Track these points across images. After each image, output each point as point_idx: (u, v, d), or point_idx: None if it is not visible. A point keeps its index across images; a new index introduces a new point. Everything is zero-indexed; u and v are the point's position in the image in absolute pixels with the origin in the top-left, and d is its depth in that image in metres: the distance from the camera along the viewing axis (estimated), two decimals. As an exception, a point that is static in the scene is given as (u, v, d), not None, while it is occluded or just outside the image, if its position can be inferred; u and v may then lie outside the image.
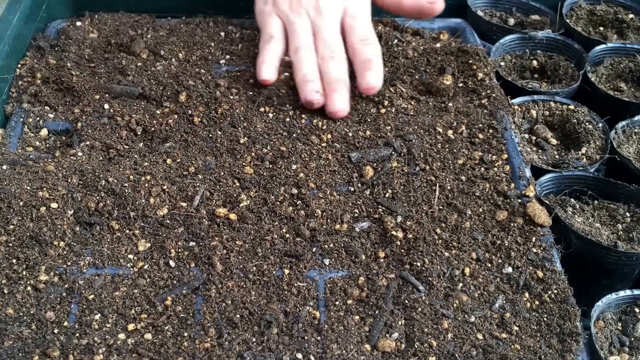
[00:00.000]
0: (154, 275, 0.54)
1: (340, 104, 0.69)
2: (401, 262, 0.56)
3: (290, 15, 0.76)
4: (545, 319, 0.53)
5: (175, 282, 0.54)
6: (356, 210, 0.60)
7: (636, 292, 0.58)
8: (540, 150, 0.71)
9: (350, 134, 0.67)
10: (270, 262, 0.55)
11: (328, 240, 0.57)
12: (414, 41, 0.80)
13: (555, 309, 0.54)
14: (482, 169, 0.65)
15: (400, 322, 0.52)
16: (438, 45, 0.79)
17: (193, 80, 0.72)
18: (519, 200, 0.61)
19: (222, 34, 0.80)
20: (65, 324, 0.51)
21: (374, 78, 0.71)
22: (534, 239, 0.59)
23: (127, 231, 0.57)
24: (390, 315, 0.52)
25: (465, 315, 0.53)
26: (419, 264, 0.56)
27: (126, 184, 0.60)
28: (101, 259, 0.55)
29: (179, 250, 0.56)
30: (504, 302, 0.54)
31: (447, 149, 0.66)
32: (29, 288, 0.53)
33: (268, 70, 0.73)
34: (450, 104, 0.71)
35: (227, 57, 0.77)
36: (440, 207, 0.61)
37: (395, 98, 0.72)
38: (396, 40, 0.79)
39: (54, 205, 0.58)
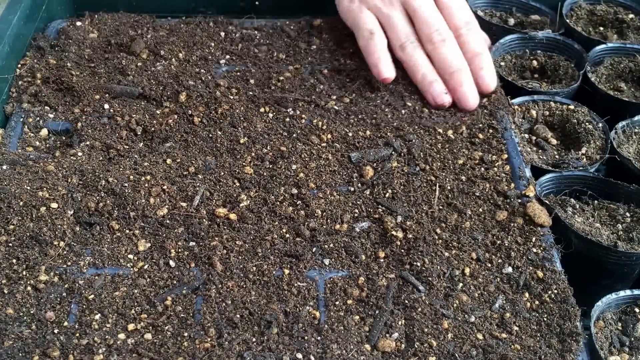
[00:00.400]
0: (154, 275, 0.54)
1: (473, 98, 0.67)
2: (401, 262, 0.56)
3: (383, 8, 0.73)
4: (545, 319, 0.53)
5: (175, 282, 0.54)
6: (356, 210, 0.60)
7: (636, 292, 0.58)
8: (540, 150, 0.71)
9: (350, 134, 0.67)
10: (270, 262, 0.55)
11: (328, 240, 0.57)
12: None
13: (555, 309, 0.54)
14: (482, 169, 0.65)
15: (400, 322, 0.52)
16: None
17: (193, 80, 0.72)
18: (519, 200, 0.61)
19: (222, 34, 0.80)
20: (65, 324, 0.51)
21: (490, 77, 0.68)
22: (534, 239, 0.59)
23: (127, 231, 0.57)
24: (390, 315, 0.52)
25: (465, 315, 0.53)
26: (419, 264, 0.56)
27: (126, 184, 0.60)
28: (101, 259, 0.55)
29: (179, 250, 0.56)
30: (504, 302, 0.54)
31: (447, 149, 0.66)
32: (29, 288, 0.52)
33: (386, 67, 0.71)
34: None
35: (227, 57, 0.77)
36: (440, 207, 0.61)
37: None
38: None
39: (54, 205, 0.58)
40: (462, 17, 0.71)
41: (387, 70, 0.70)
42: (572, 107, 0.74)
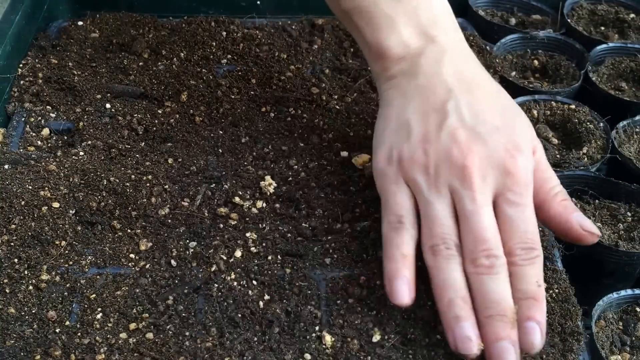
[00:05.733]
0: (155, 274, 0.54)
1: (510, 356, 0.47)
2: (402, 262, 0.56)
3: (425, 191, 0.52)
4: (546, 318, 0.53)
5: (176, 281, 0.54)
6: (357, 210, 0.60)
7: (637, 291, 0.58)
8: (541, 150, 0.71)
9: (351, 134, 0.67)
10: (272, 261, 0.55)
11: (329, 240, 0.57)
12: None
13: (556, 308, 0.54)
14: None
15: (401, 322, 0.52)
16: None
17: (194, 80, 0.72)
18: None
19: (224, 33, 0.80)
20: (67, 323, 0.51)
21: (537, 336, 0.48)
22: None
23: (129, 230, 0.57)
24: (391, 314, 0.52)
25: (466, 315, 0.53)
26: (419, 263, 0.55)
27: (128, 184, 0.60)
28: (103, 258, 0.55)
29: (181, 249, 0.56)
30: (505, 301, 0.54)
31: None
32: (30, 287, 0.53)
33: (402, 287, 0.50)
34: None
35: (229, 56, 0.77)
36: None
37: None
38: None
39: (55, 204, 0.58)
40: (524, 240, 0.51)
41: (402, 293, 0.50)
42: (573, 106, 0.74)
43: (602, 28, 0.88)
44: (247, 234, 0.57)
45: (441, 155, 0.52)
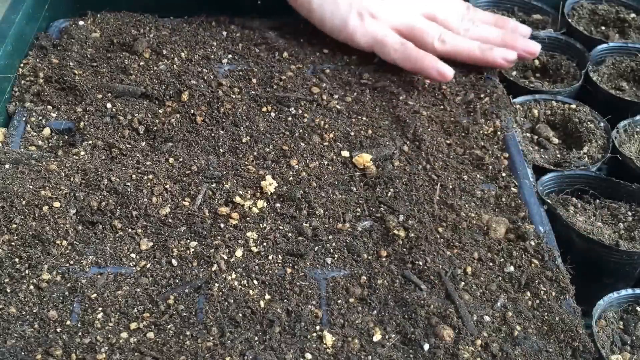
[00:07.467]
0: (156, 274, 0.54)
1: (533, 44, 0.77)
2: (403, 261, 0.56)
3: (406, 18, 0.75)
4: (546, 318, 0.53)
5: (177, 281, 0.54)
6: (358, 209, 0.60)
7: (638, 291, 0.58)
8: (542, 150, 0.71)
9: (352, 133, 0.67)
10: (273, 260, 0.55)
11: (330, 239, 0.57)
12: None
13: (557, 307, 0.54)
14: (484, 168, 0.65)
15: (402, 321, 0.52)
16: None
17: (195, 80, 0.72)
18: (520, 200, 0.61)
19: (224, 33, 0.80)
20: (68, 322, 0.51)
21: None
22: (535, 238, 0.59)
23: (130, 230, 0.57)
24: (392, 314, 0.52)
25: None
26: (420, 263, 0.56)
27: (128, 183, 0.60)
28: (104, 258, 0.55)
29: (182, 249, 0.56)
30: (506, 301, 0.54)
31: (448, 148, 0.66)
32: (31, 287, 0.53)
33: (446, 65, 0.72)
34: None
35: (229, 56, 0.77)
36: (442, 207, 0.61)
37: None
38: None
39: (56, 204, 0.58)
40: (463, 5, 0.79)
41: (448, 68, 0.71)
42: (573, 106, 0.74)
43: (603, 28, 0.88)
44: (248, 234, 0.57)
45: None
